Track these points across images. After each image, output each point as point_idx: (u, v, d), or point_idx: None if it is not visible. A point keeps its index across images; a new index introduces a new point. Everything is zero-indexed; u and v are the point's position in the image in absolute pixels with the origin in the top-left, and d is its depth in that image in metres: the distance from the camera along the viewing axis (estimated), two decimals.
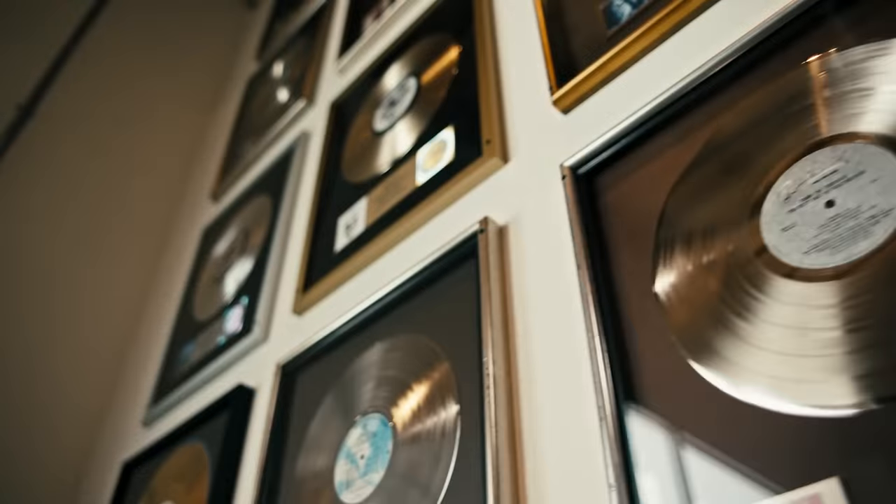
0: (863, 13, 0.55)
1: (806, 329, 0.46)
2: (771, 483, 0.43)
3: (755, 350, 0.48)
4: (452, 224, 0.86)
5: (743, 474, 0.45)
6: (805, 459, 0.42)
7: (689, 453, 0.48)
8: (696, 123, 0.64)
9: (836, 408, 0.42)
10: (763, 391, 0.46)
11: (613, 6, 0.82)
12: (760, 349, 0.48)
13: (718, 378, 0.49)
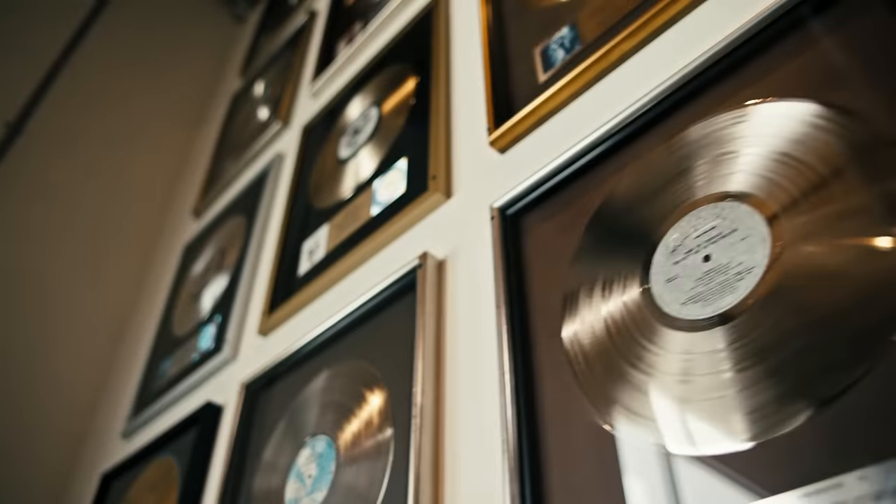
0: (728, 88, 0.60)
1: (691, 375, 0.51)
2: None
3: (645, 397, 0.53)
4: (400, 255, 0.91)
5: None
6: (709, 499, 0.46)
7: (581, 496, 0.53)
8: (610, 171, 0.69)
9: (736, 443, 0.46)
10: (656, 435, 0.50)
11: (549, 50, 0.86)
12: (652, 397, 0.52)
13: (616, 425, 0.54)
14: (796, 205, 0.50)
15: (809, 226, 0.48)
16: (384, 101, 1.19)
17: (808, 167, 0.51)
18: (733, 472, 0.44)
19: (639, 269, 0.58)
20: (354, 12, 1.58)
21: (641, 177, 0.64)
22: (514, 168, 0.81)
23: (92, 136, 1.95)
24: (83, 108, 1.99)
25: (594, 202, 0.68)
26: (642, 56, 0.73)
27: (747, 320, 0.48)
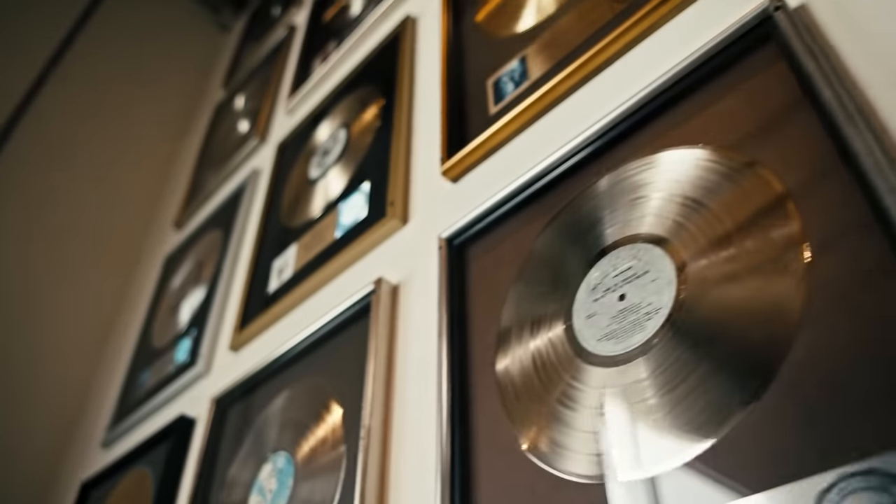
0: (642, 140, 0.64)
1: (589, 407, 0.55)
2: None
3: (569, 430, 0.57)
4: (360, 278, 0.94)
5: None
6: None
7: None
8: (550, 206, 0.72)
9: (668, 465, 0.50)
10: (580, 465, 0.54)
11: (500, 82, 0.90)
12: (575, 430, 0.56)
13: (541, 455, 0.58)
14: (699, 247, 0.54)
15: (709, 268, 0.52)
16: (353, 123, 1.23)
17: (708, 210, 0.55)
18: (675, 489, 0.48)
19: (564, 306, 0.62)
20: (331, 29, 1.61)
21: (570, 217, 0.68)
22: (465, 198, 0.85)
23: (77, 146, 1.98)
24: (68, 119, 2.02)
25: (533, 235, 0.72)
26: (585, 92, 0.77)
27: (657, 354, 0.52)
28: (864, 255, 0.44)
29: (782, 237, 0.49)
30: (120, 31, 2.35)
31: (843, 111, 0.49)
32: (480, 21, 1.03)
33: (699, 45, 0.62)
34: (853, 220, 0.46)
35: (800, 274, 0.47)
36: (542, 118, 0.81)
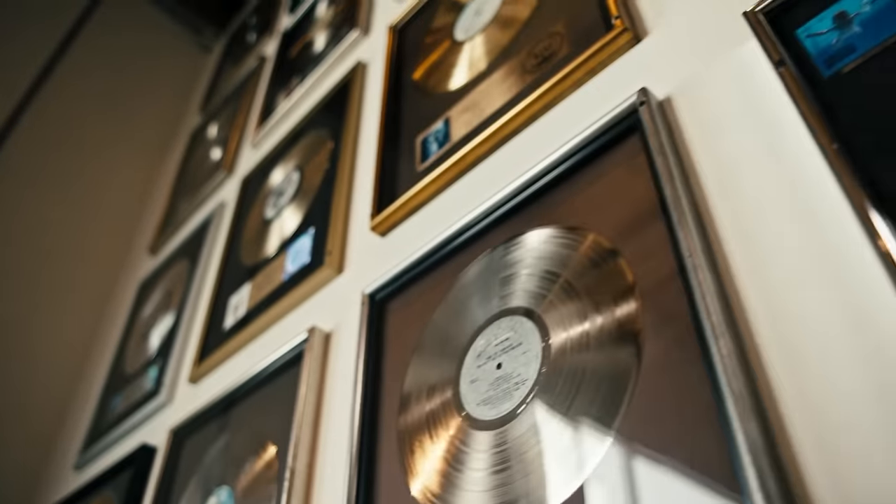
0: (532, 213, 0.70)
1: (471, 469, 0.61)
2: None
3: (455, 489, 0.63)
4: (300, 322, 1.01)
5: None
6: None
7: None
8: (456, 268, 0.79)
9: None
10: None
11: (427, 141, 0.97)
12: (463, 489, 0.62)
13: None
14: (563, 323, 0.60)
15: (568, 342, 0.59)
16: (306, 165, 1.29)
17: (574, 290, 0.61)
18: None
19: (455, 369, 0.69)
20: (295, 65, 1.68)
21: (463, 286, 0.74)
22: (389, 253, 0.91)
23: (60, 168, 2.05)
24: (52, 141, 2.09)
25: (441, 297, 0.78)
26: (491, 162, 0.84)
27: (519, 421, 0.59)
28: (684, 341, 0.51)
29: (626, 317, 0.56)
30: (102, 55, 2.41)
31: (677, 211, 0.55)
32: (417, 78, 1.09)
33: (586, 126, 0.68)
34: (678, 310, 0.53)
35: (635, 350, 0.53)
36: (457, 181, 0.87)
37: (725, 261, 0.52)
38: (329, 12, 1.68)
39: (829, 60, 0.53)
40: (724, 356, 0.46)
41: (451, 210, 0.85)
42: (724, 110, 0.59)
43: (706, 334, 0.48)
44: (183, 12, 2.79)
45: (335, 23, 1.59)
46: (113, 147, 2.23)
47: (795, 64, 0.54)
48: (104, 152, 2.20)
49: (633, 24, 0.74)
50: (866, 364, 0.41)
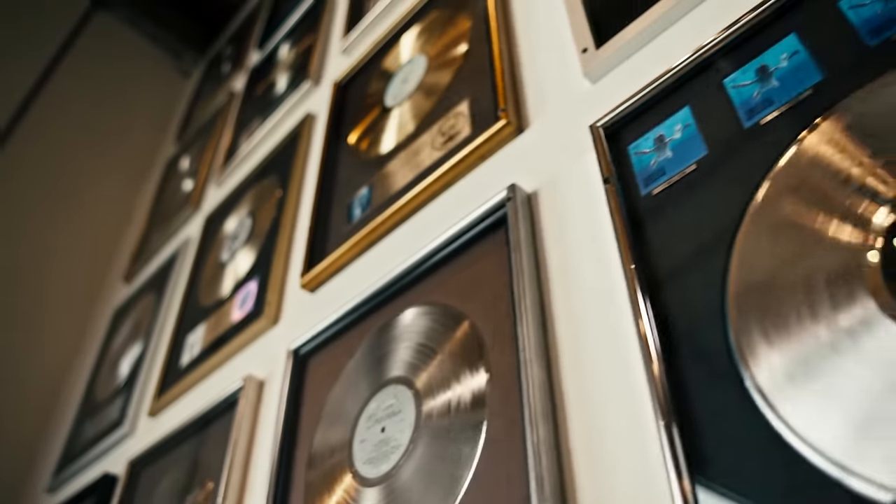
0: (421, 289, 0.79)
1: None
2: None
3: None
4: (241, 369, 1.10)
5: None
6: None
7: None
8: (365, 331, 0.88)
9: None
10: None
11: (353, 205, 1.05)
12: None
13: None
14: (431, 390, 0.69)
15: (434, 407, 0.68)
16: (258, 212, 1.38)
17: (434, 352, 0.70)
18: None
19: (350, 429, 0.78)
20: (259, 105, 1.76)
21: (363, 352, 0.83)
22: (317, 309, 1.00)
23: (44, 192, 2.14)
24: (35, 167, 2.18)
25: (349, 358, 0.87)
26: (401, 232, 0.92)
27: (391, 483, 0.68)
28: (515, 423, 0.60)
29: (479, 391, 0.65)
30: (84, 83, 2.50)
31: (521, 307, 0.64)
32: (352, 140, 1.18)
33: (465, 214, 0.77)
34: (514, 396, 0.61)
35: (487, 413, 0.62)
36: (370, 249, 0.96)
37: (557, 359, 0.61)
38: (290, 54, 1.76)
39: (646, 180, 0.61)
40: (536, 444, 0.55)
41: (362, 277, 0.94)
42: (571, 213, 0.68)
43: (526, 422, 0.56)
44: (164, 37, 2.88)
45: (295, 66, 1.68)
46: (95, 173, 2.32)
47: (621, 179, 0.62)
48: (87, 178, 2.28)
49: (518, 115, 0.83)
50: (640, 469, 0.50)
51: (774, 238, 0.48)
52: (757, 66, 0.57)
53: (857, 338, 0.40)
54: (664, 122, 0.63)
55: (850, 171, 0.46)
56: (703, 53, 0.61)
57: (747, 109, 0.56)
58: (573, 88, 0.77)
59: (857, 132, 0.47)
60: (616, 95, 0.70)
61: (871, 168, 0.45)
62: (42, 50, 2.52)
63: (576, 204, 0.68)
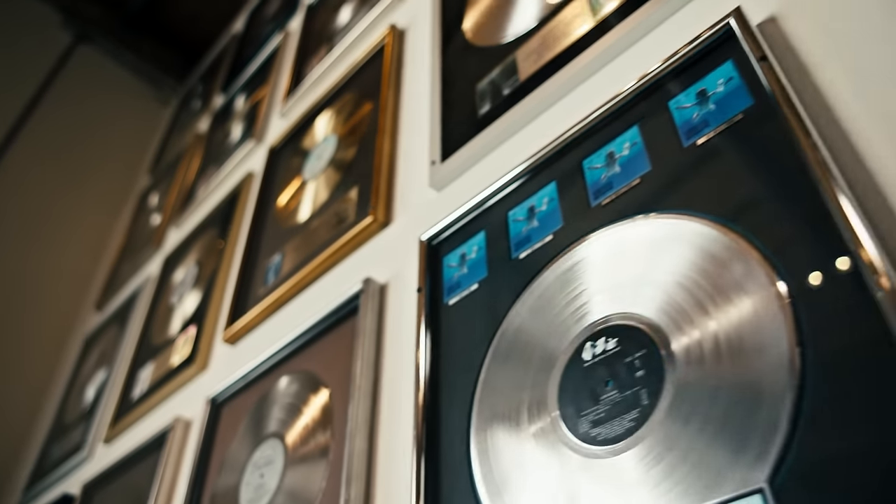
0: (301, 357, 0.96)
1: None
2: None
3: None
4: (172, 410, 1.27)
5: None
6: None
7: None
8: (268, 384, 1.04)
9: None
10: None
11: (268, 269, 1.22)
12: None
13: None
14: (295, 442, 0.86)
15: (296, 455, 0.84)
16: (204, 261, 1.55)
17: (299, 411, 0.87)
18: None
19: (238, 477, 0.95)
20: (216, 153, 1.93)
21: (256, 407, 1.00)
22: (234, 360, 1.17)
23: (26, 223, 2.31)
24: (15, 198, 2.34)
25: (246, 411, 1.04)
26: (294, 305, 1.09)
27: None
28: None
29: (326, 444, 0.81)
30: (65, 115, 2.66)
31: (353, 391, 0.80)
32: (277, 206, 1.34)
33: (334, 298, 0.93)
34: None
35: (327, 471, 0.78)
36: (274, 315, 1.13)
37: (377, 433, 0.77)
38: (246, 105, 1.92)
39: (448, 291, 0.78)
40: (349, 500, 0.71)
41: (269, 338, 1.10)
42: (402, 310, 0.85)
43: (343, 482, 0.73)
44: (144, 68, 3.05)
45: (247, 119, 1.84)
46: (76, 202, 2.49)
47: (432, 287, 0.79)
48: (68, 207, 2.45)
49: (386, 212, 0.99)
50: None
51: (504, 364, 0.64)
52: (527, 205, 0.74)
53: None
54: (468, 240, 0.79)
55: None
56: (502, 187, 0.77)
57: (516, 243, 0.72)
58: (423, 195, 0.93)
59: None
60: (450, 206, 0.86)
61: None
62: (25, 84, 2.70)
63: (405, 303, 0.84)
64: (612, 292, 0.58)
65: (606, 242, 0.61)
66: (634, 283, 0.56)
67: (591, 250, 0.63)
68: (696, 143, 0.59)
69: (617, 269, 0.59)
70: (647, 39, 0.72)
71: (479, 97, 0.92)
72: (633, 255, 0.58)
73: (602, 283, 0.60)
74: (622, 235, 0.60)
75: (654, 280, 0.55)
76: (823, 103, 0.53)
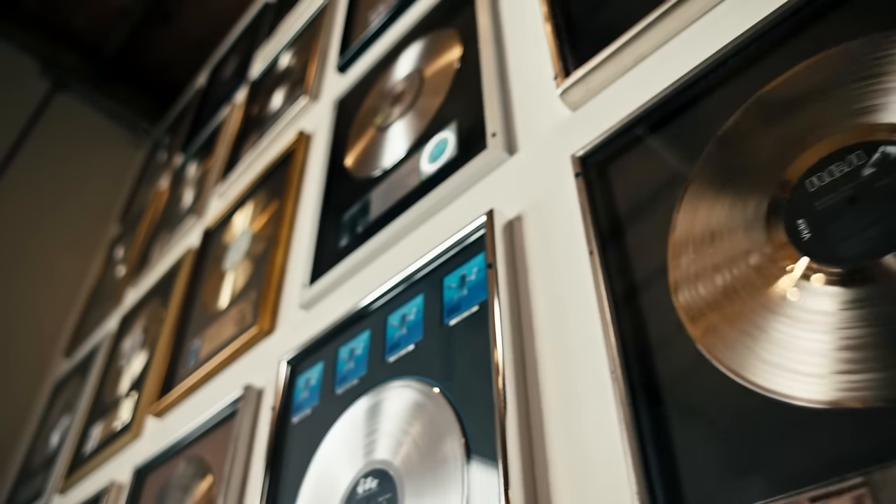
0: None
1: None
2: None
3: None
4: (107, 474, 1.45)
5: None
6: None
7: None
8: (176, 462, 1.22)
9: None
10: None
11: (190, 354, 1.40)
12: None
13: None
14: None
15: None
16: (148, 328, 1.72)
17: (190, 493, 1.05)
18: None
19: None
20: (170, 215, 2.10)
21: (162, 485, 1.18)
22: (159, 433, 1.34)
23: None
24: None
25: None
26: (202, 392, 1.26)
27: None
28: None
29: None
30: (45, 161, 2.85)
31: (224, 485, 0.98)
32: (203, 294, 1.52)
33: (226, 396, 1.11)
34: None
35: None
36: (192, 396, 1.30)
37: None
38: (197, 173, 2.10)
39: (295, 410, 0.95)
40: None
41: (187, 417, 1.28)
42: (262, 424, 1.02)
43: None
44: (122, 113, 3.23)
45: (197, 186, 2.01)
46: (53, 245, 2.67)
47: (283, 405, 0.96)
48: (45, 250, 2.64)
49: (272, 320, 1.16)
50: None
51: None
52: (349, 347, 0.91)
53: None
54: (312, 367, 0.96)
55: None
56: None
57: (340, 378, 0.90)
58: (295, 314, 1.11)
59: None
60: (309, 330, 1.03)
61: None
62: (5, 133, 2.88)
63: (263, 417, 1.02)
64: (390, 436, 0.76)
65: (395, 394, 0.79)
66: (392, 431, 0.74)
67: (385, 395, 0.80)
68: (449, 323, 0.76)
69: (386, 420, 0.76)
70: (452, 207, 0.89)
71: (343, 228, 1.09)
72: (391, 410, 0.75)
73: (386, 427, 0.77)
74: (393, 394, 0.78)
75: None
76: (516, 323, 0.69)
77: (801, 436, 0.45)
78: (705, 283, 0.55)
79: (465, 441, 0.65)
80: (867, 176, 0.49)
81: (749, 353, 0.50)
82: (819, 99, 0.55)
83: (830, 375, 0.45)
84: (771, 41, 0.60)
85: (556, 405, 0.61)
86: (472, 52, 1.02)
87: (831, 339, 0.46)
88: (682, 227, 0.59)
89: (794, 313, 0.49)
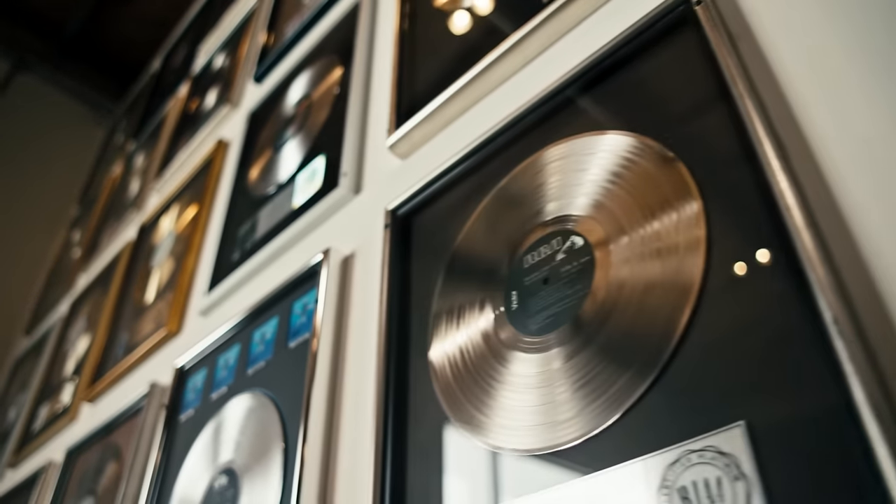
0: None
1: None
2: None
3: None
4: (48, 453, 1.59)
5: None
6: None
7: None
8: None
9: None
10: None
11: (119, 343, 1.52)
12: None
13: None
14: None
15: None
16: (91, 317, 1.84)
17: (96, 488, 1.19)
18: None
19: None
20: (117, 204, 2.20)
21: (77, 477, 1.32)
22: (91, 419, 1.48)
23: None
24: None
25: None
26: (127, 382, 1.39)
27: None
28: None
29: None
30: (7, 140, 2.92)
31: (124, 484, 1.12)
32: (135, 291, 1.64)
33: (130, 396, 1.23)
34: None
35: None
36: (119, 384, 1.43)
37: None
38: (143, 164, 2.19)
39: (182, 410, 1.08)
40: None
41: (115, 404, 1.41)
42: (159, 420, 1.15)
43: None
44: (83, 91, 3.29)
45: (142, 177, 2.10)
46: (14, 225, 2.78)
47: (173, 405, 1.09)
48: (9, 227, 2.74)
49: (179, 323, 1.28)
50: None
51: None
52: (231, 354, 1.03)
53: None
54: (199, 371, 1.09)
55: None
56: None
57: (216, 383, 1.02)
58: (196, 320, 1.23)
59: None
60: (204, 334, 1.15)
61: None
62: None
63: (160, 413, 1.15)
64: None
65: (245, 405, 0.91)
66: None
67: (234, 405, 0.93)
68: (290, 346, 0.88)
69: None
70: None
71: (238, 242, 1.20)
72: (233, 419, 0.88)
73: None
74: (238, 403, 0.90)
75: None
76: (334, 354, 0.81)
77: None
78: (451, 349, 0.67)
79: (284, 438, 0.78)
80: (559, 261, 0.60)
81: (471, 407, 0.61)
82: (540, 190, 0.66)
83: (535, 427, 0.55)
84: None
85: (348, 420, 0.73)
86: (347, 81, 1.12)
87: (531, 398, 0.56)
88: (443, 292, 0.71)
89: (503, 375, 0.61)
